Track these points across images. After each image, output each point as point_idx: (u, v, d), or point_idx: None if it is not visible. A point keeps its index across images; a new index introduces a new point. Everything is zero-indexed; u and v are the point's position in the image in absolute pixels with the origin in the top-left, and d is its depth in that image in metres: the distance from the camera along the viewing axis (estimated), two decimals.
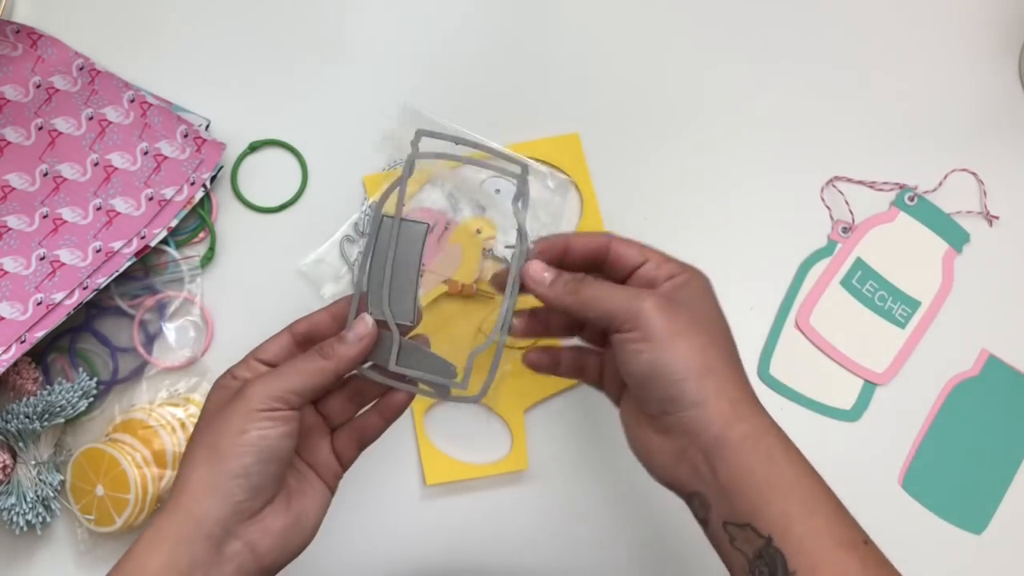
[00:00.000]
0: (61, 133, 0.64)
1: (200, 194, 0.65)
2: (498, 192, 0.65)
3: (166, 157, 0.65)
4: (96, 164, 0.64)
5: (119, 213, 0.64)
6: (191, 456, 0.46)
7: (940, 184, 0.68)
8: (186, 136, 0.65)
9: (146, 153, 0.64)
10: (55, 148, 0.64)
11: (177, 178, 0.64)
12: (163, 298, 0.64)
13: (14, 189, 0.63)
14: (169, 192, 0.64)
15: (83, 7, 0.68)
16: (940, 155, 0.69)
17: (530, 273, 0.48)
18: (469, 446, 0.64)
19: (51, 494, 0.60)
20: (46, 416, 0.59)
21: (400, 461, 0.64)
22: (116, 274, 0.61)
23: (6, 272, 0.62)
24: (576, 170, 0.67)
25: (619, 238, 0.50)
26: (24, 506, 0.59)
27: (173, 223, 0.63)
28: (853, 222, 0.68)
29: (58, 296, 0.61)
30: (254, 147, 0.67)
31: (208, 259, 0.65)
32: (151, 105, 0.65)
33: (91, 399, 0.61)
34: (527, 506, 0.64)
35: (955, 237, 0.68)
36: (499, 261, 0.65)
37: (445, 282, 0.64)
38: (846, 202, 0.68)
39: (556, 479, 0.64)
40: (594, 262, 0.50)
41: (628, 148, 0.68)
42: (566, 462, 0.64)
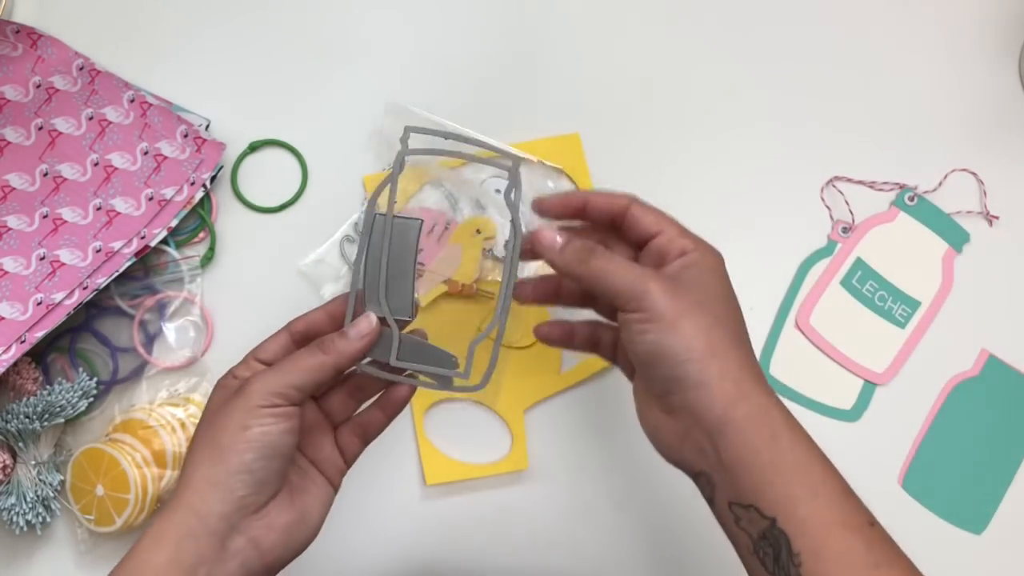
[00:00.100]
0: (61, 133, 0.64)
1: (200, 194, 0.65)
2: (498, 192, 0.65)
3: (166, 157, 0.65)
4: (96, 164, 0.64)
5: (119, 213, 0.64)
6: (193, 454, 0.46)
7: (940, 184, 0.68)
8: (186, 136, 0.65)
9: (146, 153, 0.64)
10: (55, 148, 0.64)
11: (177, 178, 0.64)
12: (163, 298, 0.64)
13: (14, 189, 0.63)
14: (169, 192, 0.64)
15: (83, 7, 0.68)
16: (940, 155, 0.69)
17: (541, 238, 0.48)
18: (469, 446, 0.64)
19: (51, 494, 0.60)
20: (46, 416, 0.59)
21: (400, 461, 0.64)
22: (116, 274, 0.61)
23: (6, 272, 0.62)
24: (576, 170, 0.67)
25: (640, 202, 0.49)
26: (24, 506, 0.59)
27: (173, 223, 0.63)
28: (853, 222, 0.68)
29: (58, 296, 0.61)
30: (254, 147, 0.67)
31: (208, 259, 0.65)
32: (151, 105, 0.65)
33: (91, 399, 0.61)
34: (527, 506, 0.64)
35: (955, 237, 0.68)
36: (499, 261, 0.65)
37: (445, 282, 0.64)
38: (846, 202, 0.68)
39: (556, 479, 0.64)
40: (612, 222, 0.49)
41: (628, 148, 0.68)
42: (566, 462, 0.64)
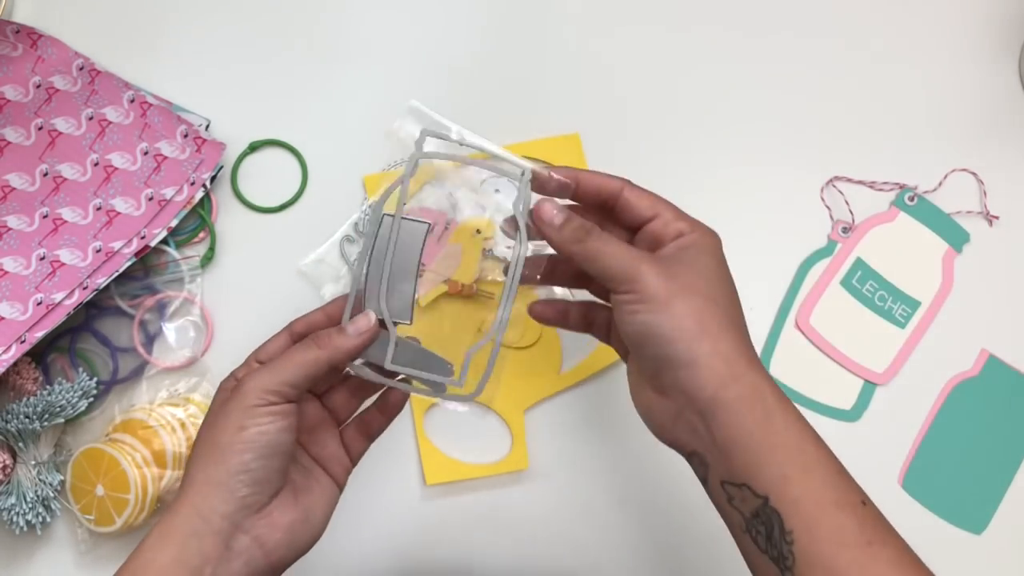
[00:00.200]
0: (61, 133, 0.64)
1: (200, 194, 0.65)
2: (498, 192, 0.65)
3: (166, 157, 0.65)
4: (96, 164, 0.64)
5: (119, 213, 0.64)
6: (195, 455, 0.46)
7: (940, 184, 0.68)
8: (186, 136, 0.65)
9: (146, 153, 0.64)
10: (55, 148, 0.64)
11: (177, 178, 0.64)
12: (163, 298, 0.64)
13: (14, 189, 0.63)
14: (169, 192, 0.64)
15: (83, 7, 0.68)
16: (940, 155, 0.69)
17: (541, 212, 0.48)
18: (469, 446, 0.64)
19: (51, 494, 0.60)
20: (46, 416, 0.59)
21: (400, 461, 0.64)
22: (116, 274, 0.61)
23: (6, 272, 0.62)
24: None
25: (633, 186, 0.49)
26: (24, 506, 0.59)
27: (173, 223, 0.63)
28: (853, 222, 0.68)
29: (58, 296, 0.61)
30: (254, 147, 0.67)
31: (208, 259, 0.65)
32: (151, 105, 0.65)
33: (91, 399, 0.61)
34: (527, 506, 0.64)
35: (955, 237, 0.68)
36: (499, 261, 0.65)
37: (445, 282, 0.64)
38: (846, 202, 0.68)
39: (556, 479, 0.64)
40: (604, 205, 0.49)
41: (628, 148, 0.68)
42: (566, 462, 0.64)
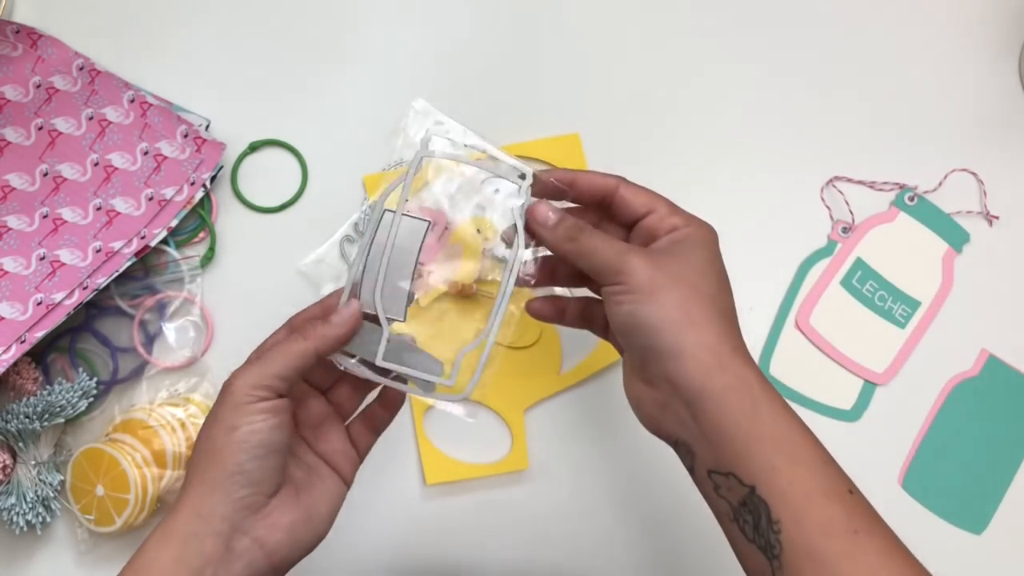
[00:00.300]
0: (61, 133, 0.64)
1: (200, 194, 0.65)
2: (498, 192, 0.65)
3: (166, 157, 0.65)
4: (96, 164, 0.64)
5: (119, 213, 0.64)
6: (193, 457, 0.46)
7: (940, 184, 0.68)
8: (186, 136, 0.65)
9: (146, 153, 0.64)
10: (55, 148, 0.64)
11: (177, 178, 0.64)
12: (163, 298, 0.64)
13: (14, 189, 0.63)
14: (169, 192, 0.64)
15: (83, 7, 0.68)
16: (940, 155, 0.69)
17: (535, 213, 0.48)
18: (469, 446, 0.64)
19: (51, 494, 0.60)
20: (46, 416, 0.59)
21: (400, 461, 0.64)
22: (116, 274, 0.61)
23: (6, 272, 0.62)
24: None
25: (628, 183, 0.49)
26: (24, 506, 0.59)
27: (173, 223, 0.63)
28: (853, 222, 0.68)
29: (58, 296, 0.61)
30: (254, 147, 0.67)
31: (208, 259, 0.65)
32: (151, 105, 0.65)
33: (91, 399, 0.61)
34: (527, 506, 0.64)
35: (955, 237, 0.68)
36: (499, 261, 0.65)
37: (446, 284, 0.64)
38: (846, 202, 0.68)
39: (556, 479, 0.64)
40: (601, 203, 0.50)
41: (628, 148, 0.68)
42: (566, 462, 0.64)
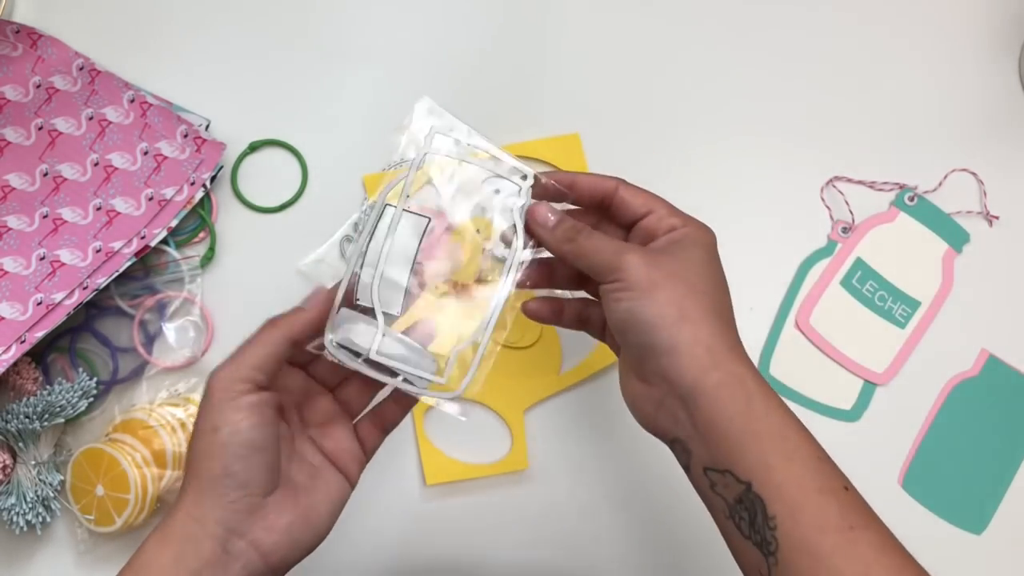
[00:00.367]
0: (61, 133, 0.64)
1: (200, 194, 0.65)
2: (498, 192, 0.65)
3: (166, 157, 0.65)
4: (96, 164, 0.64)
5: (119, 213, 0.64)
6: (186, 459, 0.46)
7: (940, 184, 0.68)
8: (186, 136, 0.65)
9: (146, 153, 0.64)
10: (55, 148, 0.64)
11: (177, 178, 0.64)
12: (163, 298, 0.64)
13: (14, 189, 0.63)
14: (169, 192, 0.64)
15: (83, 7, 0.68)
16: (940, 155, 0.69)
17: (535, 214, 0.49)
18: (469, 446, 0.64)
19: (51, 494, 0.60)
20: (46, 416, 0.59)
21: (400, 461, 0.64)
22: (116, 274, 0.61)
23: (6, 272, 0.62)
24: (576, 170, 0.66)
25: (627, 184, 0.50)
26: (24, 506, 0.59)
27: (173, 223, 0.63)
28: (853, 222, 0.68)
29: (58, 296, 0.61)
30: (254, 147, 0.67)
31: (208, 259, 0.65)
32: (151, 105, 0.65)
33: (91, 399, 0.61)
34: (527, 506, 0.64)
35: (955, 237, 0.68)
36: (499, 261, 0.65)
37: (445, 282, 0.64)
38: (846, 202, 0.68)
39: (556, 479, 0.64)
40: (600, 205, 0.50)
41: (628, 148, 0.68)
42: (566, 462, 0.64)
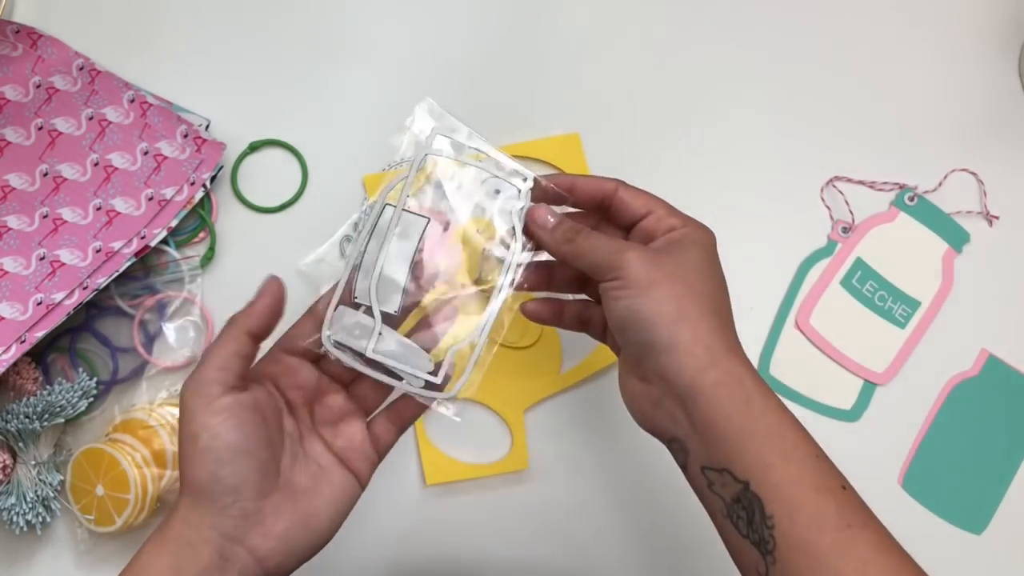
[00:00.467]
0: (61, 133, 0.64)
1: (200, 194, 0.65)
2: (498, 193, 0.65)
3: (166, 157, 0.65)
4: (96, 164, 0.64)
5: (119, 213, 0.64)
6: (179, 467, 0.46)
7: (940, 184, 0.68)
8: (186, 136, 0.65)
9: (146, 153, 0.64)
10: (55, 148, 0.64)
11: (177, 178, 0.64)
12: (163, 298, 0.64)
13: (14, 189, 0.63)
14: (169, 192, 0.64)
15: (83, 7, 0.68)
16: (940, 155, 0.69)
17: (534, 216, 0.49)
18: (469, 446, 0.64)
19: (51, 494, 0.60)
20: (46, 416, 0.59)
21: (400, 461, 0.64)
22: (116, 274, 0.61)
23: (6, 272, 0.62)
24: (576, 170, 0.67)
25: (627, 186, 0.50)
26: (24, 506, 0.59)
27: (173, 223, 0.63)
28: (853, 222, 0.68)
29: (58, 296, 0.61)
30: (254, 147, 0.67)
31: (208, 259, 0.65)
32: (151, 105, 0.65)
33: (91, 399, 0.61)
34: (527, 506, 0.64)
35: (955, 237, 0.68)
36: (498, 262, 0.65)
37: (443, 282, 0.64)
38: (846, 202, 0.68)
39: (556, 479, 0.64)
40: (600, 206, 0.50)
41: (628, 148, 0.68)
42: (566, 462, 0.64)
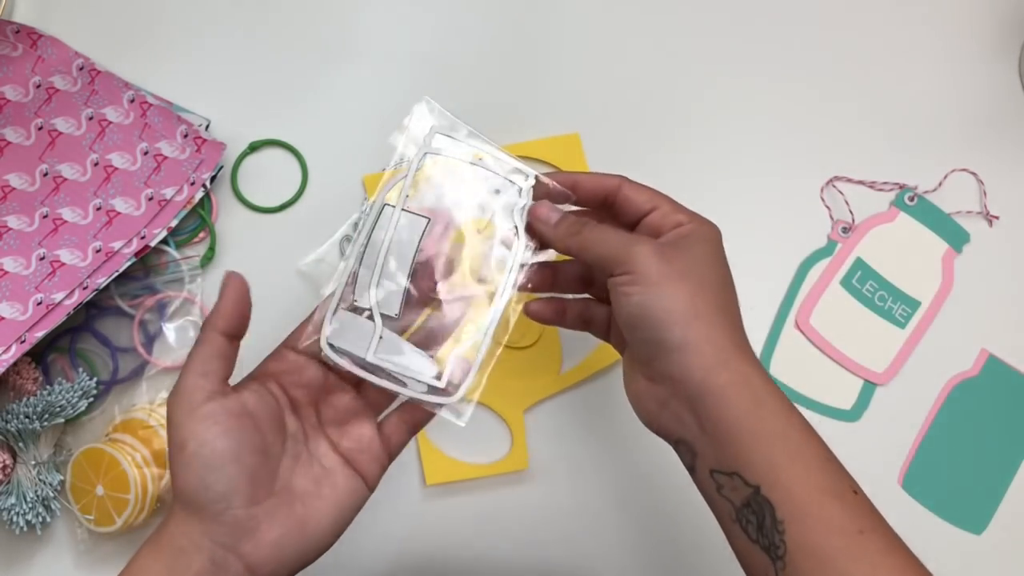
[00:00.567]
0: (61, 133, 0.64)
1: (200, 194, 0.65)
2: (499, 193, 0.65)
3: (166, 157, 0.65)
4: (96, 164, 0.64)
5: (119, 213, 0.64)
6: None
7: (940, 184, 0.68)
8: (186, 136, 0.65)
9: (146, 153, 0.64)
10: (55, 148, 0.64)
11: (177, 178, 0.64)
12: (163, 298, 0.64)
13: (14, 189, 0.63)
14: (169, 192, 0.64)
15: (83, 7, 0.68)
16: (940, 155, 0.69)
17: (537, 212, 0.49)
18: (469, 446, 0.64)
19: (51, 494, 0.60)
20: (46, 416, 0.59)
21: (400, 461, 0.63)
22: (116, 274, 0.61)
23: (6, 272, 0.62)
24: (576, 170, 0.66)
25: (631, 182, 0.49)
26: (24, 506, 0.59)
27: (173, 223, 0.63)
28: (853, 222, 0.68)
29: (58, 296, 0.61)
30: (254, 147, 0.67)
31: (208, 259, 0.65)
32: (151, 105, 0.65)
33: (91, 399, 0.61)
34: (527, 506, 0.64)
35: (955, 237, 0.68)
36: (500, 263, 0.65)
37: (444, 283, 0.64)
38: (846, 202, 0.68)
39: (556, 479, 0.64)
40: (604, 203, 0.50)
41: (628, 148, 0.68)
42: (566, 462, 0.64)
